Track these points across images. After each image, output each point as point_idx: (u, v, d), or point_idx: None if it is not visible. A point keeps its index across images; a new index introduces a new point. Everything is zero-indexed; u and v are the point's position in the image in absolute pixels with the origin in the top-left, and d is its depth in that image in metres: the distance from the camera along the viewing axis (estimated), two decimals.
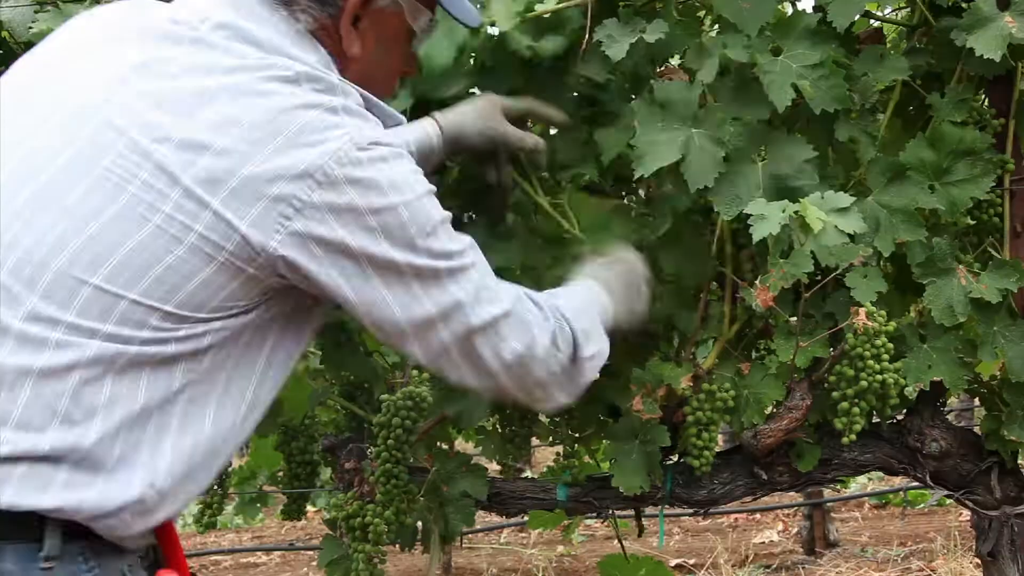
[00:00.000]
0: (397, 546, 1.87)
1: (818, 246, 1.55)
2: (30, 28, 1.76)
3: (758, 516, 6.58)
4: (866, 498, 6.67)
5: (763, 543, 5.90)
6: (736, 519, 6.56)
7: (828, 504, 5.70)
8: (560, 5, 1.73)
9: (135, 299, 1.10)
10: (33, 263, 1.10)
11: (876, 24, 1.96)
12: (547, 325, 1.33)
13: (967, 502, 1.81)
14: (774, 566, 5.24)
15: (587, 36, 1.71)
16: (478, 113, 1.68)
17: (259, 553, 6.66)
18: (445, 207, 1.26)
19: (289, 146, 1.12)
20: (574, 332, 1.37)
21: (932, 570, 4.69)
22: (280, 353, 1.23)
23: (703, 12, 1.93)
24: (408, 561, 6.00)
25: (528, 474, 5.40)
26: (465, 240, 1.27)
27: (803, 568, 5.06)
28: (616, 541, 5.40)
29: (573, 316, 1.39)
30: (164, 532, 1.20)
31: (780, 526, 6.28)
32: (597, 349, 1.43)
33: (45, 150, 1.14)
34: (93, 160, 1.12)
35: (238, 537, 7.30)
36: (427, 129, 1.65)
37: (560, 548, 5.98)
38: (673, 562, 5.46)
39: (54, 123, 1.16)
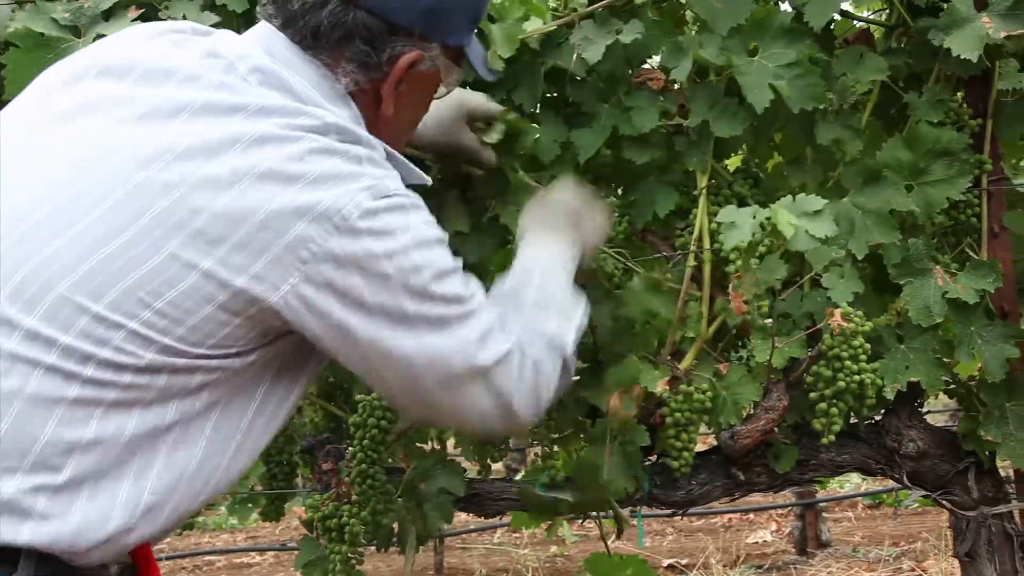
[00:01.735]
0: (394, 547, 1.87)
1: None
2: (7, 27, 1.75)
3: (751, 516, 6.57)
4: (860, 498, 6.66)
5: (756, 543, 5.89)
6: (730, 519, 6.56)
7: (821, 504, 5.70)
8: (551, 25, 1.73)
9: (134, 329, 1.10)
10: (36, 287, 1.09)
11: (862, 25, 1.96)
12: (538, 350, 1.36)
13: (944, 502, 1.81)
14: (766, 566, 5.24)
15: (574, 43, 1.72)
16: (435, 122, 1.63)
17: (253, 554, 6.65)
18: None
19: (309, 190, 1.12)
20: (561, 340, 1.40)
21: (923, 570, 4.69)
22: (272, 399, 1.24)
23: (684, 11, 1.93)
24: (402, 561, 5.99)
25: (522, 475, 5.40)
26: (474, 287, 1.28)
27: (794, 568, 5.05)
28: (610, 541, 5.41)
29: (550, 318, 1.41)
30: (140, 551, 1.20)
31: (773, 526, 6.28)
32: (573, 336, 1.44)
33: (55, 183, 1.13)
34: (111, 189, 1.12)
35: (232, 537, 7.29)
36: None
37: (553, 548, 5.98)
38: (666, 562, 5.46)
39: (69, 157, 1.15)
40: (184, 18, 1.70)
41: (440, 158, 1.73)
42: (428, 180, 1.38)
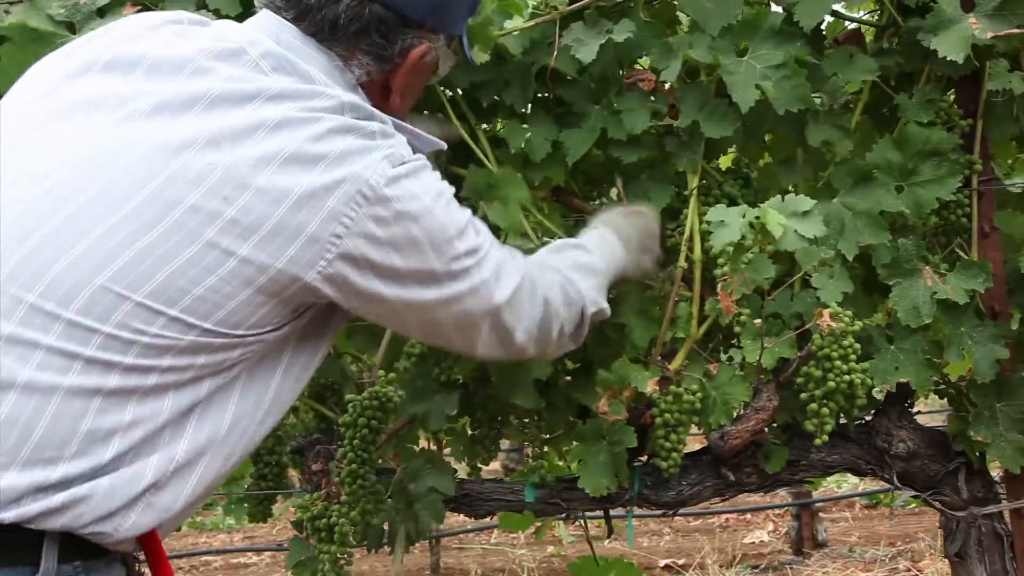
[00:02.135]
0: (386, 547, 1.87)
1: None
2: (1, 21, 1.75)
3: (748, 516, 6.57)
4: (857, 498, 6.66)
5: (752, 543, 5.89)
6: (727, 519, 6.56)
7: (818, 504, 5.70)
8: (530, 23, 1.74)
9: (175, 315, 1.12)
10: (70, 283, 1.09)
11: (853, 25, 1.96)
12: (558, 289, 1.45)
13: (934, 503, 1.81)
14: (762, 566, 5.23)
15: (557, 42, 1.72)
16: None
17: (249, 554, 6.65)
18: None
19: (334, 168, 1.16)
20: (581, 292, 1.50)
21: (919, 570, 4.69)
22: (299, 361, 1.28)
23: (676, 12, 1.93)
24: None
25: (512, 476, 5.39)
26: (483, 229, 1.34)
27: (790, 568, 5.05)
28: (605, 541, 5.42)
29: (582, 276, 1.52)
30: (149, 540, 1.19)
31: (770, 526, 6.28)
32: (599, 308, 1.54)
33: (65, 183, 1.13)
34: (134, 187, 1.12)
35: (229, 538, 7.29)
36: None
37: (550, 548, 5.98)
38: (663, 562, 5.47)
39: (78, 155, 1.14)
40: None
41: None
42: (444, 145, 1.44)
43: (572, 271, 1.50)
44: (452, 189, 1.29)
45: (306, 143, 1.15)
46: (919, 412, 1.87)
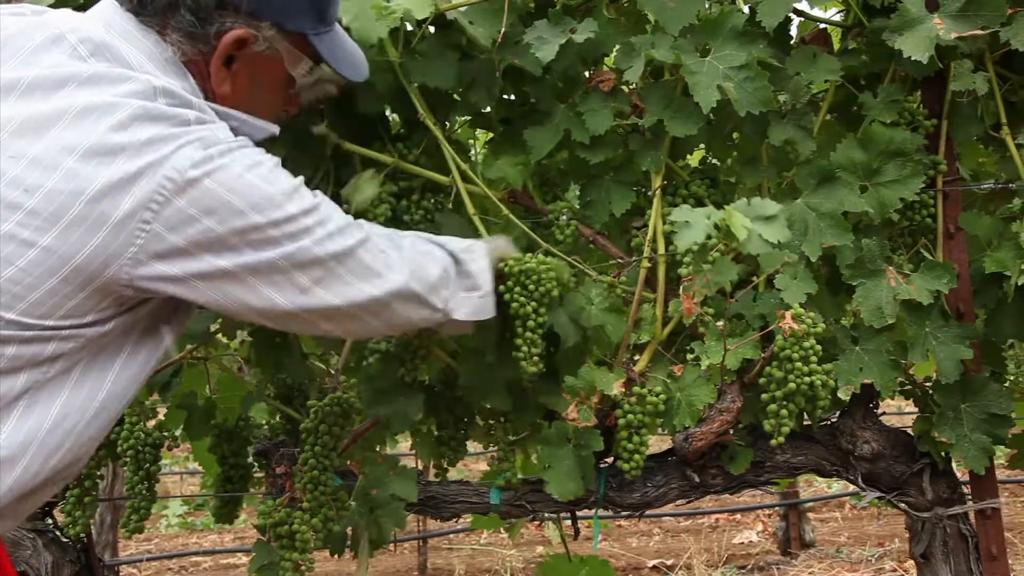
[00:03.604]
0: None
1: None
2: None
3: (739, 516, 6.57)
4: (847, 498, 6.65)
5: (741, 544, 5.89)
6: (717, 520, 6.55)
7: (807, 504, 5.70)
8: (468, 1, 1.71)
9: None
10: None
11: (822, 25, 1.96)
12: (403, 247, 1.41)
13: (900, 504, 1.80)
14: (749, 567, 5.23)
15: (503, 27, 1.70)
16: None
17: (239, 554, 6.63)
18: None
19: (138, 157, 1.14)
20: (446, 247, 1.49)
21: (904, 570, 4.69)
22: (135, 362, 1.26)
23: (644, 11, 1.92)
24: (387, 562, 5.99)
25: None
26: (320, 194, 1.30)
27: (777, 569, 5.05)
28: (595, 544, 5.39)
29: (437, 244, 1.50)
30: None
31: (760, 527, 6.27)
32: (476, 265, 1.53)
33: None
34: None
35: (220, 538, 7.27)
36: None
37: (540, 548, 5.98)
38: (651, 563, 5.46)
39: None
40: None
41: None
42: (275, 130, 1.38)
43: (427, 242, 1.49)
44: (276, 160, 1.25)
45: (108, 132, 1.14)
46: (883, 413, 1.86)
